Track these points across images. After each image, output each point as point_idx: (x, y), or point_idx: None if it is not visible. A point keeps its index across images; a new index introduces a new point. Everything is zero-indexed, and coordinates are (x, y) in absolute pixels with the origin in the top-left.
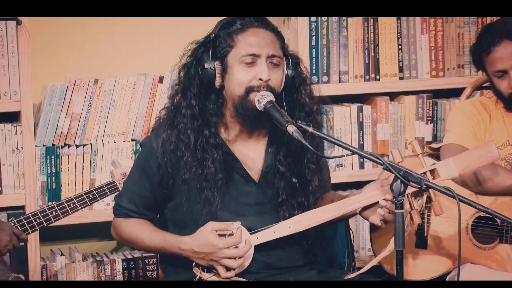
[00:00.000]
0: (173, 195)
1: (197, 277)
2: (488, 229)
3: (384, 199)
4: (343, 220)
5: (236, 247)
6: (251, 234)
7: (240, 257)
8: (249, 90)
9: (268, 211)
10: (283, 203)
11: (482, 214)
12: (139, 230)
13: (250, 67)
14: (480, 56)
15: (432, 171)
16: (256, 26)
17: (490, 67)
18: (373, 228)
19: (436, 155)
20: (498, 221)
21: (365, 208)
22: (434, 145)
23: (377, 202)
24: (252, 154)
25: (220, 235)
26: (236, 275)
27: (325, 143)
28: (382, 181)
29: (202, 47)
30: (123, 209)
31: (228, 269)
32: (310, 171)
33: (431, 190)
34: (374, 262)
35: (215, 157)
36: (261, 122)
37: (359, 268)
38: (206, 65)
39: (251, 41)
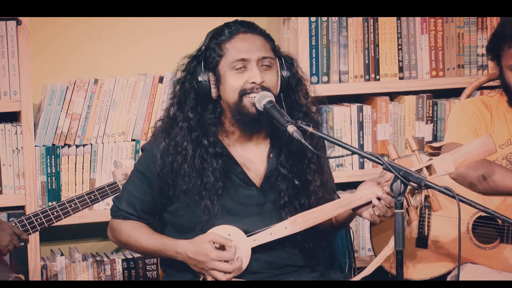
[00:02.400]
0: (173, 201)
1: (201, 278)
2: (489, 229)
3: (377, 198)
4: (343, 226)
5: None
6: (248, 236)
7: (229, 272)
8: (242, 94)
9: (269, 213)
10: (285, 205)
11: (483, 213)
12: (137, 233)
13: (242, 72)
14: (500, 46)
15: (428, 167)
16: (243, 32)
17: (507, 59)
18: (373, 228)
19: (437, 154)
20: (499, 221)
21: (360, 206)
22: (435, 144)
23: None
24: (253, 157)
25: (216, 248)
26: (237, 276)
27: (326, 143)
28: (378, 178)
29: (195, 60)
30: (122, 211)
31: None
32: (311, 171)
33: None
34: (376, 262)
35: (214, 166)
36: (259, 125)
37: (360, 268)
38: (200, 78)
39: (240, 46)
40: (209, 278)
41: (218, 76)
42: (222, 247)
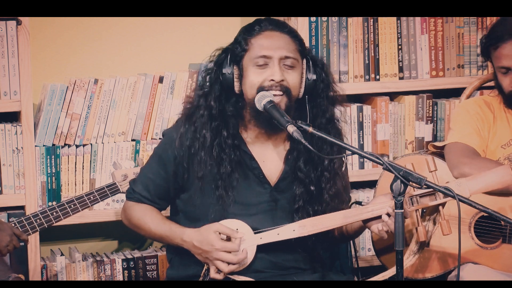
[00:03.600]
0: (187, 187)
1: (204, 269)
2: (491, 229)
3: (387, 214)
4: (354, 237)
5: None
6: (255, 233)
7: (233, 264)
8: (260, 90)
9: (279, 214)
10: (299, 209)
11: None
12: (148, 216)
13: (263, 69)
14: (488, 49)
15: None
16: (270, 29)
17: (495, 61)
18: None
19: (439, 153)
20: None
21: (371, 219)
22: (438, 144)
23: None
24: (270, 157)
25: (222, 239)
26: (239, 274)
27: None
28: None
29: (224, 53)
30: (136, 194)
31: (220, 271)
32: (325, 179)
33: (441, 209)
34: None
35: (232, 157)
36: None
37: (361, 268)
38: (224, 70)
39: (263, 43)
40: (212, 269)
41: (241, 70)
42: (228, 239)
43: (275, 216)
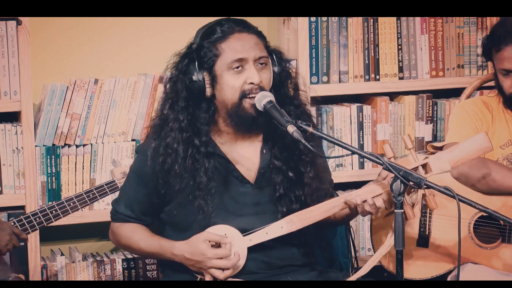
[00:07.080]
0: (168, 201)
1: (198, 278)
2: (490, 229)
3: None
4: (344, 222)
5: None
6: (244, 236)
7: (227, 269)
8: (243, 95)
9: (266, 210)
10: (281, 197)
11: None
12: (136, 235)
13: (239, 72)
14: (490, 50)
15: (424, 166)
16: (238, 31)
17: (497, 63)
18: (373, 225)
19: None
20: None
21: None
22: (437, 144)
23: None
24: (247, 154)
25: (213, 246)
26: (234, 276)
27: (325, 142)
28: (377, 177)
29: (186, 58)
30: (120, 214)
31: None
32: (304, 162)
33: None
34: (374, 261)
35: (207, 166)
36: (257, 126)
37: (359, 268)
38: (194, 77)
39: (236, 46)
40: (207, 278)
41: (214, 75)
42: (218, 245)
43: (261, 213)
